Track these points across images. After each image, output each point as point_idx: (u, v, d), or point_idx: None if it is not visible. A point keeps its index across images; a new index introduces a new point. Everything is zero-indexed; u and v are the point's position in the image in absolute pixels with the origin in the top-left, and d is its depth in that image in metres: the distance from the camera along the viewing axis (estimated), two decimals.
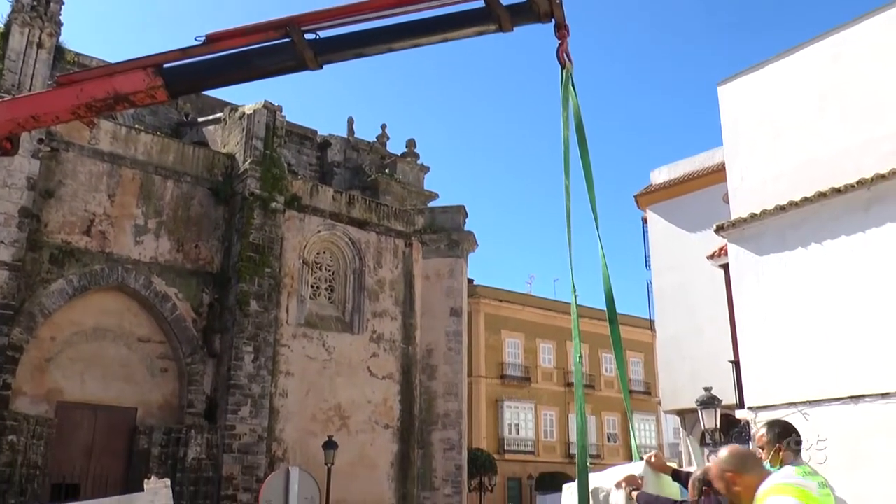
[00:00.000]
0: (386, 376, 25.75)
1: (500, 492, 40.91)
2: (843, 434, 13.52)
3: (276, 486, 9.18)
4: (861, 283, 13.77)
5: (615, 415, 48.01)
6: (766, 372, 14.76)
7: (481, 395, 43.32)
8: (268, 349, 22.63)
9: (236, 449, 21.33)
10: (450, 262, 28.82)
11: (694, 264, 19.99)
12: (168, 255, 22.43)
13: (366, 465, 24.46)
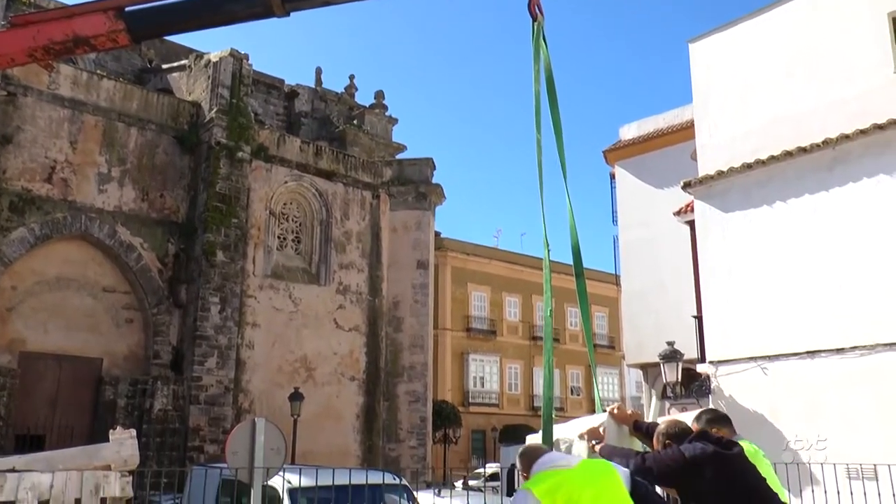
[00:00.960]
0: (352, 328, 25.82)
1: (464, 444, 41.51)
2: (799, 388, 13.90)
3: (242, 438, 9.15)
4: (821, 241, 14.04)
5: (579, 368, 48.76)
6: (728, 327, 15.06)
7: (447, 347, 43.68)
8: (234, 300, 22.53)
9: (203, 400, 21.34)
10: (417, 215, 28.79)
11: (660, 220, 20.19)
12: (133, 204, 22.10)
13: (332, 416, 24.63)
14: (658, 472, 4.21)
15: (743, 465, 4.24)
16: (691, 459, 4.11)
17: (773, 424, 14.00)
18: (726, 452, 4.21)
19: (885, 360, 13.01)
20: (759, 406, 14.40)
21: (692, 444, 4.22)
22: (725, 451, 4.23)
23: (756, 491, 4.14)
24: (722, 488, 4.07)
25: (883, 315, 13.08)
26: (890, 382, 12.88)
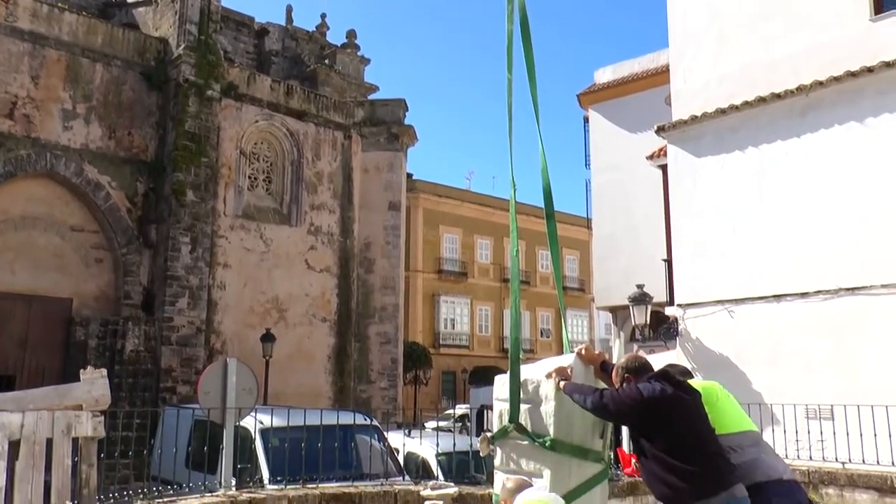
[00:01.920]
0: (323, 269, 25.78)
1: (434, 385, 42.01)
2: (764, 331, 14.19)
3: (214, 378, 9.16)
4: (791, 187, 14.19)
5: (549, 310, 49.30)
6: (697, 271, 15.26)
7: (418, 289, 43.86)
8: (205, 240, 22.34)
9: (174, 341, 21.29)
10: (389, 156, 28.59)
11: (633, 164, 20.26)
12: (99, 142, 21.65)
13: (303, 357, 24.73)
14: (615, 409, 4.27)
15: (697, 411, 4.31)
16: (648, 399, 4.17)
17: (737, 366, 14.31)
18: (684, 396, 4.28)
19: (847, 305, 13.30)
20: (725, 349, 14.70)
21: (651, 383, 4.27)
22: (684, 394, 4.30)
23: (705, 439, 4.22)
24: (673, 430, 4.15)
25: (847, 260, 13.32)
26: (850, 326, 13.19)
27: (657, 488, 4.26)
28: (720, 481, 4.06)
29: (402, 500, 8.57)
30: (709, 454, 4.14)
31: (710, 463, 4.10)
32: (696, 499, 4.01)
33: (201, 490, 8.19)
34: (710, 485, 4.03)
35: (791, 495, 4.33)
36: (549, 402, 4.55)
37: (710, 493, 4.00)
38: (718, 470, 4.10)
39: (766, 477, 4.34)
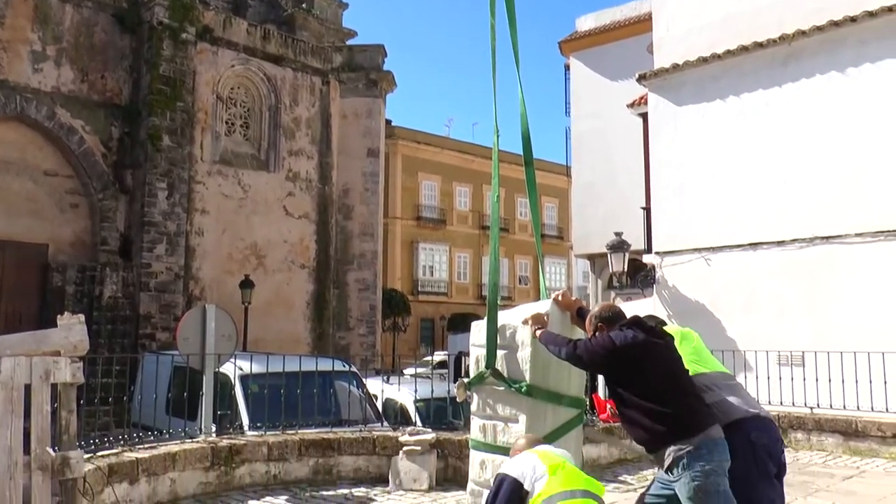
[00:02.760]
0: (302, 216, 25.65)
1: (413, 332, 42.27)
2: (740, 279, 14.36)
3: (193, 324, 9.16)
4: (771, 136, 14.23)
5: (527, 258, 49.51)
6: (675, 219, 15.36)
7: (397, 236, 43.84)
8: (182, 186, 22.10)
9: (153, 287, 21.19)
10: (367, 102, 28.28)
11: (614, 113, 20.19)
12: (72, 85, 21.20)
13: (282, 304, 24.74)
14: (588, 359, 4.31)
15: (669, 355, 4.37)
16: (621, 347, 4.22)
17: (713, 314, 14.51)
18: (656, 341, 4.33)
19: (822, 253, 13.47)
20: (701, 296, 14.88)
21: (623, 331, 4.31)
22: (656, 339, 4.35)
23: (679, 381, 4.29)
24: (647, 376, 4.20)
25: (823, 209, 13.45)
26: (824, 274, 13.39)
27: (635, 432, 4.34)
28: (697, 423, 4.13)
29: (381, 445, 8.68)
30: (684, 396, 4.21)
31: (686, 405, 4.17)
32: (674, 441, 4.08)
33: (182, 436, 8.25)
34: (687, 426, 4.10)
35: (768, 431, 4.43)
36: (526, 348, 4.60)
37: (687, 434, 4.07)
38: (694, 412, 4.18)
39: (744, 413, 4.43)
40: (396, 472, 8.21)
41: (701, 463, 4.03)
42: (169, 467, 7.40)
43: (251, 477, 8.13)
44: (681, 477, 4.07)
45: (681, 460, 4.06)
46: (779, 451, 4.46)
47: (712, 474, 4.05)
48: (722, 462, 4.11)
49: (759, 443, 4.33)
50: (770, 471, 4.36)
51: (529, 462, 3.93)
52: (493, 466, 4.58)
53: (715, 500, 4.02)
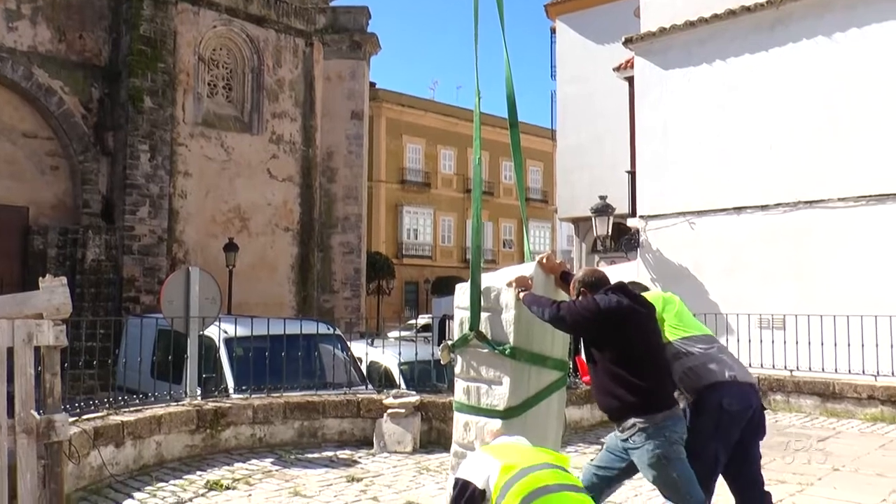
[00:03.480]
0: (286, 178, 25.49)
1: (397, 295, 42.32)
2: (723, 243, 14.46)
3: (176, 287, 9.12)
4: (757, 101, 14.23)
5: (512, 221, 49.54)
6: (660, 183, 15.40)
7: (381, 199, 43.70)
8: (164, 148, 21.87)
9: (136, 250, 21.05)
10: (351, 65, 28.01)
11: (600, 76, 20.09)
12: (49, 45, 20.81)
13: (266, 267, 24.69)
14: (571, 321, 4.33)
15: (651, 325, 4.41)
16: (605, 310, 4.24)
17: (696, 277, 14.62)
18: (640, 309, 4.36)
19: (805, 218, 13.58)
20: (685, 260, 14.98)
21: (608, 295, 4.33)
22: (639, 307, 4.38)
23: (656, 354, 4.34)
24: (626, 343, 4.24)
25: (807, 174, 13.53)
26: (807, 239, 13.50)
27: (604, 400, 4.37)
28: (666, 399, 4.22)
29: (365, 408, 8.74)
30: (658, 370, 4.27)
31: (658, 380, 4.23)
32: (642, 413, 4.13)
33: (167, 399, 8.27)
34: (657, 402, 4.17)
35: (743, 397, 4.45)
36: (510, 310, 4.61)
37: (655, 409, 4.14)
38: (666, 389, 4.26)
39: (721, 378, 4.46)
40: (381, 435, 8.28)
41: (665, 433, 4.13)
42: (154, 430, 7.43)
43: (237, 440, 8.17)
44: (643, 445, 4.14)
45: (646, 430, 4.12)
46: (753, 417, 4.49)
47: (675, 443, 4.16)
48: (683, 434, 4.22)
49: (730, 409, 4.37)
50: (731, 437, 4.39)
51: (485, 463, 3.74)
52: (476, 428, 4.62)
53: (677, 467, 4.12)
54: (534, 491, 3.39)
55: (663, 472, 4.12)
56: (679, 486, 4.11)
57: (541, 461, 3.65)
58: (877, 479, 7.00)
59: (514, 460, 3.63)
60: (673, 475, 4.11)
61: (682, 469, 4.12)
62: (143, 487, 6.61)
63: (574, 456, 8.02)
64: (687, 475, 4.12)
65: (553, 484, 3.47)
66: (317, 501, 6.17)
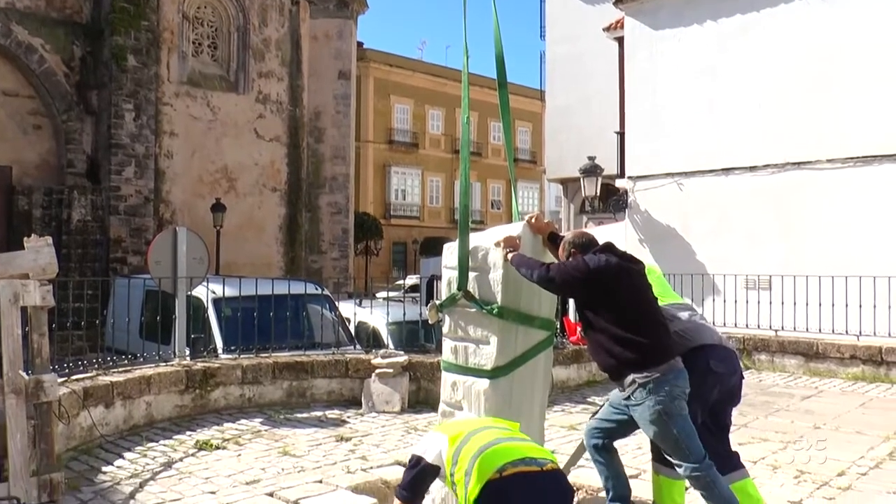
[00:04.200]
0: (273, 139, 25.28)
1: (385, 255, 42.34)
2: (712, 203, 14.51)
3: (164, 247, 9.09)
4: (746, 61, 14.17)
5: (500, 182, 49.46)
6: (649, 144, 15.39)
7: (369, 159, 43.50)
8: (149, 107, 21.60)
9: (123, 211, 20.90)
10: (338, 24, 27.68)
11: (589, 37, 19.91)
12: (28, 2, 20.36)
13: (254, 228, 24.59)
14: (560, 281, 4.33)
15: (643, 281, 4.41)
16: (595, 269, 4.23)
17: (683, 238, 14.70)
18: (629, 267, 4.37)
19: (793, 179, 13.63)
20: (673, 221, 15.03)
21: (597, 255, 4.34)
22: (629, 265, 4.39)
23: (650, 309, 4.35)
24: (619, 301, 4.25)
25: (796, 135, 13.54)
26: (794, 200, 13.56)
27: (602, 359, 4.40)
28: (664, 352, 4.20)
29: (353, 368, 8.79)
30: (654, 324, 4.27)
31: (655, 333, 4.23)
32: (641, 369, 4.15)
33: (156, 360, 8.28)
34: (655, 355, 4.17)
35: (729, 362, 4.53)
36: (498, 269, 4.61)
37: (654, 363, 4.15)
38: (662, 340, 4.24)
39: (710, 340, 4.53)
40: (369, 395, 8.34)
41: (666, 388, 4.12)
42: (144, 391, 7.45)
43: (226, 400, 8.21)
44: (644, 401, 4.15)
45: (646, 386, 4.14)
46: (733, 382, 4.55)
47: (677, 398, 4.14)
48: (685, 389, 4.20)
49: (716, 371, 4.42)
50: (710, 397, 4.44)
51: (435, 439, 3.95)
52: (464, 388, 4.66)
53: (678, 423, 4.13)
54: (481, 447, 3.62)
55: (664, 428, 4.14)
56: (679, 442, 4.13)
57: (485, 425, 3.91)
58: (856, 436, 7.13)
59: (460, 430, 3.86)
60: (673, 431, 4.13)
61: (682, 425, 4.14)
62: (133, 447, 6.65)
63: (560, 416, 8.11)
64: (688, 431, 4.14)
65: (499, 437, 3.73)
66: (306, 461, 6.23)
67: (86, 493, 5.37)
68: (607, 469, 4.57)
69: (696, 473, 4.10)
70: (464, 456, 3.69)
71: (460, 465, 3.69)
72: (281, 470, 5.95)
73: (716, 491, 4.06)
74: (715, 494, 4.06)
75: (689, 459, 4.11)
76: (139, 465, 6.11)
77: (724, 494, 4.06)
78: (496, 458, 3.58)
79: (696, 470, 4.09)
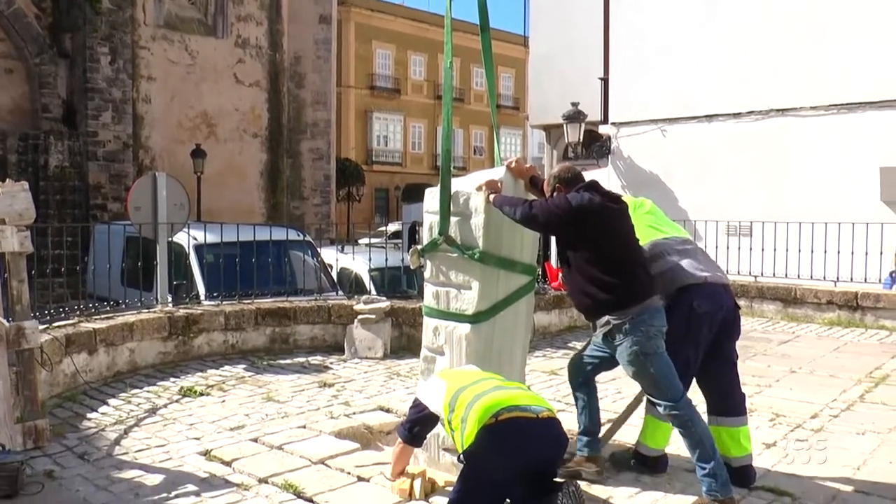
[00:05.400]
0: (253, 83, 24.94)
1: (367, 202, 42.20)
2: (694, 151, 14.52)
3: (143, 192, 8.99)
4: (733, 8, 14.05)
5: (483, 129, 49.16)
6: (633, 90, 15.31)
7: (350, 105, 43.06)
8: (125, 51, 21.17)
9: (101, 156, 20.62)
10: None
11: None
12: None
13: (235, 174, 24.39)
14: (544, 220, 4.32)
15: (624, 221, 4.41)
16: (577, 208, 4.22)
17: (666, 184, 14.73)
18: (612, 205, 4.36)
19: (776, 125, 13.64)
20: (655, 167, 15.05)
21: (580, 193, 4.32)
22: (611, 203, 4.38)
23: (629, 249, 4.36)
24: (599, 240, 4.25)
25: (779, 82, 13.50)
26: (777, 146, 13.60)
27: (579, 299, 4.43)
28: (641, 293, 4.22)
29: (336, 314, 8.82)
30: (632, 265, 4.28)
31: (632, 274, 4.24)
32: (615, 309, 4.18)
33: (138, 306, 8.26)
34: (631, 296, 4.19)
35: (715, 298, 4.47)
36: (479, 214, 4.60)
37: (630, 304, 4.18)
38: (639, 282, 4.25)
39: (693, 279, 4.49)
40: (352, 341, 8.38)
41: (642, 328, 4.15)
42: (127, 337, 7.45)
43: (209, 346, 8.23)
44: (622, 342, 4.20)
45: (622, 327, 4.18)
46: (724, 318, 4.51)
47: (653, 338, 4.17)
48: (661, 327, 4.22)
49: (700, 310, 4.40)
50: (701, 337, 4.44)
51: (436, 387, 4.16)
52: (445, 333, 4.68)
53: (654, 361, 4.17)
54: (478, 394, 3.83)
55: (641, 367, 4.18)
56: (657, 380, 4.17)
57: (486, 377, 4.10)
58: (830, 380, 7.27)
59: (460, 379, 4.07)
60: (651, 370, 4.17)
61: (660, 364, 4.17)
62: (117, 394, 6.67)
63: (541, 361, 8.20)
64: (665, 370, 4.18)
65: (497, 386, 3.94)
66: (289, 406, 6.28)
67: (71, 440, 5.39)
68: (584, 404, 4.64)
69: (674, 412, 4.15)
70: (460, 403, 3.86)
71: (457, 412, 3.85)
72: (265, 416, 5.99)
73: (693, 429, 4.12)
74: (691, 433, 4.12)
75: (666, 398, 4.17)
76: (123, 412, 6.13)
77: (700, 433, 4.12)
78: (492, 405, 3.75)
79: (674, 408, 4.15)
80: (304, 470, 4.75)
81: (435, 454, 4.69)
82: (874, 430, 5.63)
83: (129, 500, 4.31)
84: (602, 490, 4.41)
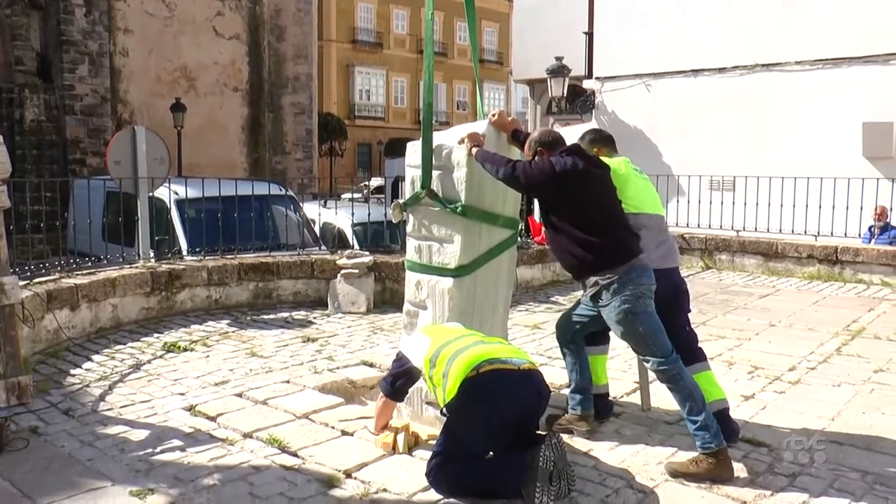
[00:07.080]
0: (232, 36, 24.54)
1: (350, 157, 41.94)
2: (679, 106, 14.49)
3: (123, 146, 8.88)
4: None
5: (466, 83, 48.78)
6: (618, 44, 15.20)
7: (332, 59, 42.55)
8: (101, 3, 20.70)
9: (78, 110, 20.30)
10: None
11: None
12: None
13: (216, 129, 24.12)
14: (526, 182, 4.31)
15: (607, 184, 4.41)
16: (560, 172, 4.21)
17: (650, 139, 14.72)
18: (594, 170, 4.36)
19: (761, 80, 13.61)
20: (640, 122, 15.02)
21: (563, 157, 4.31)
22: (594, 168, 4.38)
23: (612, 212, 4.36)
24: (582, 203, 4.26)
25: (765, 37, 13.44)
26: (761, 102, 13.60)
27: (564, 258, 4.44)
28: (626, 252, 4.23)
29: (319, 269, 8.81)
30: (615, 227, 4.29)
31: (615, 235, 4.25)
32: (602, 270, 4.20)
33: (120, 262, 8.21)
34: (616, 256, 4.21)
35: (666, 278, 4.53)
36: (461, 168, 4.57)
37: (616, 263, 4.19)
38: (623, 242, 4.27)
39: (673, 263, 4.65)
40: (335, 296, 8.39)
41: (630, 287, 4.17)
42: (109, 293, 7.41)
43: (192, 302, 8.21)
44: (610, 302, 4.21)
45: (610, 286, 4.19)
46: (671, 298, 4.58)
47: (641, 297, 4.19)
48: (650, 286, 4.25)
49: (682, 289, 4.67)
50: (687, 308, 4.66)
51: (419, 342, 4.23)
52: (428, 287, 4.69)
53: (643, 320, 4.20)
54: (458, 349, 3.89)
55: (629, 327, 4.21)
56: (647, 338, 4.21)
57: (460, 334, 4.14)
58: (808, 333, 7.36)
59: (443, 336, 4.12)
60: (639, 329, 4.20)
61: (648, 322, 4.20)
62: (101, 350, 6.66)
63: (524, 315, 8.25)
64: (654, 327, 4.21)
65: (479, 341, 4.02)
66: (273, 361, 6.30)
67: (55, 396, 5.39)
68: (573, 361, 4.69)
69: (662, 367, 4.20)
70: (442, 358, 3.91)
71: (438, 367, 3.90)
72: (249, 371, 6.01)
73: (681, 383, 4.17)
74: (680, 386, 4.17)
75: (656, 354, 4.20)
76: (107, 368, 6.13)
77: (688, 386, 4.17)
78: (474, 359, 3.80)
79: (663, 364, 4.19)
80: (289, 424, 4.78)
81: (418, 408, 4.73)
82: (849, 381, 5.73)
83: (115, 456, 4.32)
84: (583, 443, 4.47)
